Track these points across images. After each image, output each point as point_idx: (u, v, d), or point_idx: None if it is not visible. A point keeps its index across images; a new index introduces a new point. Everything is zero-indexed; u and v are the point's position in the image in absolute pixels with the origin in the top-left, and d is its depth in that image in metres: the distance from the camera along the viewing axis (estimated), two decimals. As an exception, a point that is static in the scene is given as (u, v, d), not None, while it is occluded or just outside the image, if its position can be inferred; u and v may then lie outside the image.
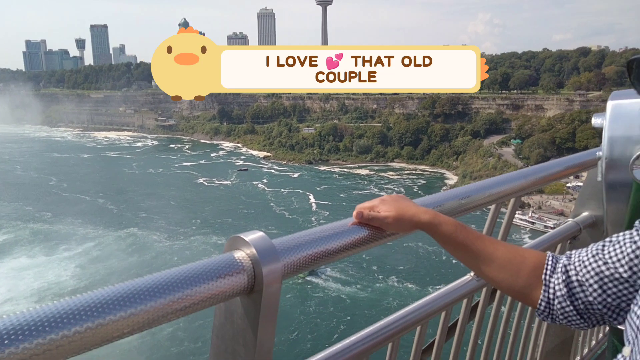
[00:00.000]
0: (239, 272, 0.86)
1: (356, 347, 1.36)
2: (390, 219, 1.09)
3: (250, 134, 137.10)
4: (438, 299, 1.66)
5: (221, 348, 0.99)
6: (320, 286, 49.54)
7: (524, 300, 1.08)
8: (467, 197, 1.49)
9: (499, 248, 1.07)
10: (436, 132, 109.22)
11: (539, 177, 1.92)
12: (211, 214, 71.91)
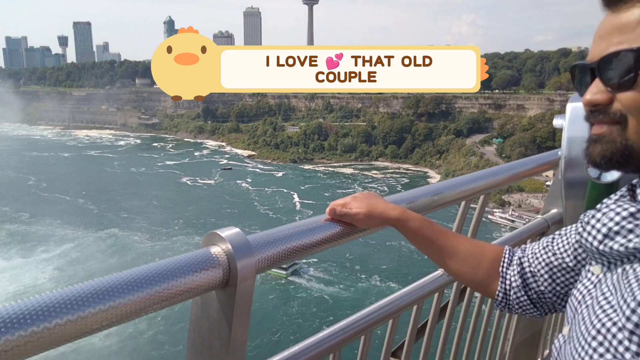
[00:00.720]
0: (214, 267, 0.89)
1: (330, 339, 1.38)
2: (361, 215, 1.13)
3: (235, 132, 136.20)
4: (410, 293, 1.69)
5: (197, 342, 1.01)
6: (303, 286, 49.48)
7: (484, 292, 1.15)
8: (439, 194, 1.54)
9: (462, 243, 1.14)
10: (420, 131, 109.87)
11: (508, 175, 1.97)
12: (194, 214, 71.26)
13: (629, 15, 0.70)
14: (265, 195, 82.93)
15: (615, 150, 0.72)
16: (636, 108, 0.69)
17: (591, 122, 0.76)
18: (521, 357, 2.68)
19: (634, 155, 0.70)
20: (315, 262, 54.27)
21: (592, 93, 0.74)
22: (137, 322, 41.81)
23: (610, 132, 0.72)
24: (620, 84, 0.70)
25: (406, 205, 1.37)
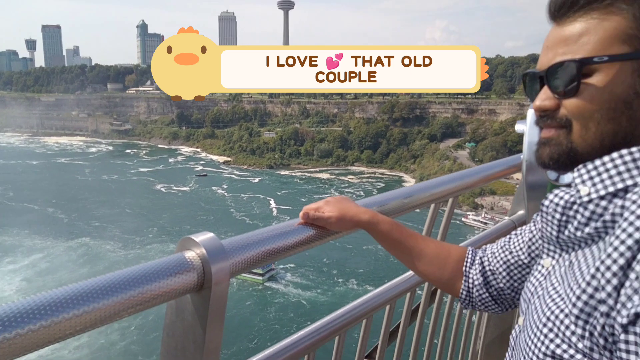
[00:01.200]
0: (189, 271, 0.90)
1: (305, 340, 1.39)
2: (334, 219, 1.16)
3: (210, 138, 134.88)
4: (382, 293, 1.72)
5: (171, 345, 1.01)
6: (280, 292, 49.22)
7: (450, 291, 1.20)
8: (410, 197, 1.58)
9: (429, 244, 1.18)
10: (395, 136, 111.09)
11: (475, 178, 2.01)
12: (169, 222, 70.06)
13: (571, 28, 0.76)
14: (242, 201, 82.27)
15: (562, 152, 0.77)
16: (580, 114, 0.74)
17: (540, 126, 0.81)
18: (493, 354, 2.73)
19: (578, 156, 0.76)
20: (292, 267, 54.10)
21: (541, 99, 0.79)
22: (109, 332, 40.83)
23: (558, 136, 0.78)
24: (565, 91, 0.75)
25: (378, 208, 1.41)
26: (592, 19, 0.74)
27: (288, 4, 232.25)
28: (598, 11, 0.73)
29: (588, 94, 0.73)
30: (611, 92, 0.72)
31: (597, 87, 0.72)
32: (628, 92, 0.71)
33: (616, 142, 0.73)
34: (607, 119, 0.73)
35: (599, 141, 0.74)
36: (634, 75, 0.70)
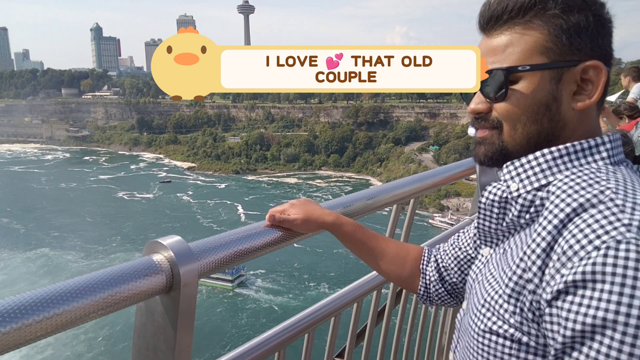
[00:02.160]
0: (157, 273, 0.92)
1: (275, 338, 1.43)
2: (299, 220, 1.20)
3: (173, 144, 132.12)
4: (350, 292, 1.78)
5: (143, 346, 1.03)
6: (251, 298, 48.84)
7: (409, 288, 1.28)
8: (373, 198, 1.64)
9: (389, 245, 1.25)
10: (360, 140, 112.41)
11: (435, 180, 2.09)
12: (133, 230, 68.10)
13: (498, 40, 0.85)
14: (208, 207, 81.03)
15: (495, 150, 0.87)
16: (509, 116, 0.84)
17: (476, 127, 0.91)
18: None
19: (509, 154, 0.86)
20: (263, 272, 53.80)
21: (475, 103, 0.89)
22: (74, 344, 39.35)
23: (491, 136, 0.87)
24: (496, 97, 0.84)
25: (342, 209, 1.46)
26: (515, 33, 0.83)
27: (248, 8, 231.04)
28: (520, 26, 0.82)
29: (515, 99, 0.83)
30: (534, 97, 0.81)
31: (522, 93, 0.82)
32: (548, 97, 0.81)
33: (540, 140, 0.83)
34: (532, 120, 0.82)
35: (526, 140, 0.84)
36: (552, 82, 0.80)
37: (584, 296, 0.64)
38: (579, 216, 0.70)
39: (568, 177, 0.78)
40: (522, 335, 0.76)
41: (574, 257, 0.67)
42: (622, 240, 0.64)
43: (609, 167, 0.78)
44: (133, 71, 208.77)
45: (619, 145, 0.84)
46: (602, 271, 0.63)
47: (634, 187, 0.72)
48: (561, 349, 0.67)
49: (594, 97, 0.81)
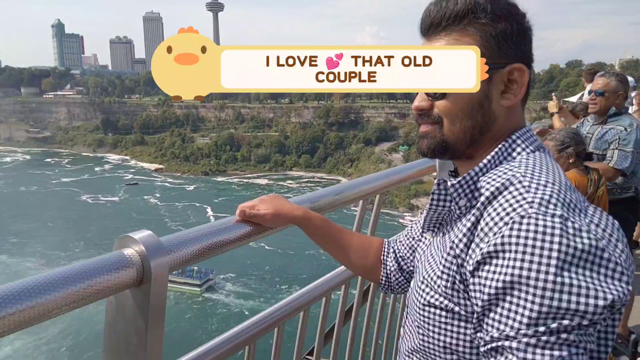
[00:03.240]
0: (128, 266, 0.93)
1: (245, 333, 1.47)
2: (269, 215, 1.23)
3: (140, 145, 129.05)
4: (319, 286, 1.83)
5: (114, 340, 1.04)
6: (221, 302, 47.96)
7: (372, 279, 1.36)
8: (340, 194, 1.70)
9: (354, 238, 1.32)
10: (331, 141, 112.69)
11: (400, 176, 2.17)
12: (97, 234, 65.76)
13: (438, 44, 0.93)
14: (176, 210, 79.32)
15: (436, 143, 0.95)
16: (449, 113, 0.92)
17: (419, 122, 0.98)
18: None
19: (449, 147, 0.94)
20: (233, 277, 52.95)
21: (418, 101, 0.96)
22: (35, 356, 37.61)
23: (433, 130, 0.95)
24: (436, 95, 0.93)
25: (310, 204, 1.50)
26: (453, 39, 0.91)
27: (217, 6, 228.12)
28: (457, 32, 0.91)
29: (453, 97, 0.92)
30: (470, 96, 0.90)
31: (459, 93, 0.91)
32: (481, 96, 0.90)
33: (475, 133, 0.93)
34: (468, 116, 0.92)
35: (463, 133, 0.93)
36: (484, 83, 0.87)
37: (496, 264, 0.75)
38: (496, 199, 0.82)
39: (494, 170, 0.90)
40: (455, 305, 0.86)
41: (489, 232, 0.79)
42: (525, 216, 0.74)
43: (526, 156, 0.90)
44: (97, 70, 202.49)
45: (532, 135, 0.95)
46: (509, 242, 0.74)
47: (541, 170, 0.84)
48: (481, 311, 0.78)
49: (519, 95, 0.93)
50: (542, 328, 0.69)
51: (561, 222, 0.73)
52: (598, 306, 0.69)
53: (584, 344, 0.70)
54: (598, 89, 3.41)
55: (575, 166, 2.93)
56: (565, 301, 0.69)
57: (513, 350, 0.71)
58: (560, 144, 2.93)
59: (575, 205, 0.78)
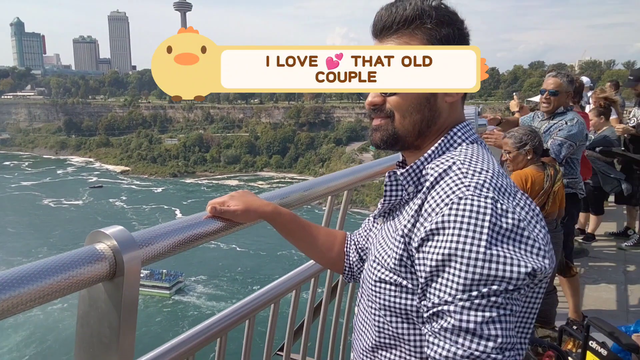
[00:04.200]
0: (100, 260, 0.94)
1: (218, 325, 1.51)
2: (239, 211, 1.27)
3: (105, 146, 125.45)
4: (289, 279, 1.88)
5: (86, 334, 1.05)
6: (192, 305, 47.26)
7: (337, 270, 1.41)
8: (309, 190, 1.75)
9: (321, 232, 1.38)
10: (302, 141, 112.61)
11: (367, 173, 2.23)
12: (61, 239, 63.60)
13: (387, 46, 1.00)
14: (144, 213, 77.59)
15: (388, 135, 1.03)
16: (399, 107, 1.00)
17: (372, 117, 1.05)
18: None
19: (400, 138, 1.03)
20: (204, 279, 52.25)
21: (372, 97, 1.03)
22: (-5, 369, 36.04)
23: (385, 124, 1.03)
24: (389, 92, 1.00)
25: (280, 200, 1.55)
26: (403, 41, 0.99)
27: (185, 6, 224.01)
28: (406, 35, 0.99)
29: (404, 94, 0.99)
30: (417, 93, 0.99)
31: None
32: (428, 93, 0.99)
33: (422, 126, 1.02)
34: (417, 111, 1.00)
35: (412, 126, 1.01)
36: None
37: (437, 240, 0.85)
38: (438, 183, 0.93)
39: (438, 159, 1.00)
40: (403, 280, 0.95)
41: (432, 212, 0.88)
42: (462, 197, 0.85)
43: (465, 146, 1.01)
44: (60, 70, 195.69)
45: (470, 129, 1.06)
46: (448, 220, 0.84)
47: (477, 159, 0.95)
48: (425, 283, 0.87)
49: (460, 92, 1.03)
50: (474, 293, 0.80)
51: (492, 203, 0.84)
52: (520, 273, 0.80)
53: (510, 306, 0.81)
54: (552, 88, 3.60)
55: (533, 162, 3.09)
56: (493, 269, 0.80)
57: (451, 313, 0.81)
58: (519, 142, 3.08)
59: (505, 190, 0.89)
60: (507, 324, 0.80)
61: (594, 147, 5.32)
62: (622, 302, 4.19)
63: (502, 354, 0.79)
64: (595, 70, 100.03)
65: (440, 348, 0.83)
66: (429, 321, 0.87)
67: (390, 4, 1.01)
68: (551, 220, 3.11)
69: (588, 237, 5.64)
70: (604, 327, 2.14)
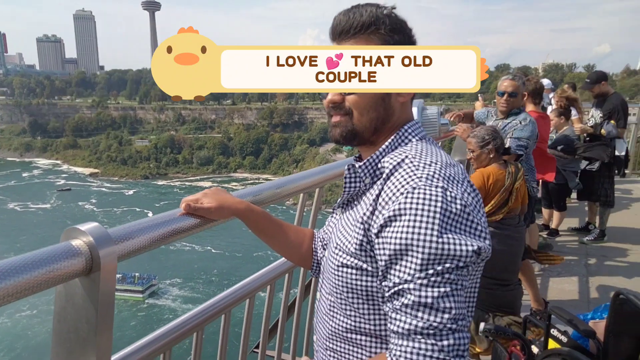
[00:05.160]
0: (77, 256, 0.96)
1: (194, 319, 1.54)
2: (213, 208, 1.30)
3: (72, 148, 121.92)
4: (264, 274, 1.92)
5: (64, 329, 1.05)
6: (168, 308, 46.45)
7: (306, 266, 1.45)
8: (281, 187, 1.79)
9: (291, 229, 1.43)
10: (276, 142, 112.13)
11: (339, 171, 2.23)
12: (28, 244, 61.37)
13: (346, 46, 1.06)
14: (115, 216, 75.77)
15: (347, 131, 1.09)
16: (358, 106, 1.07)
17: (331, 114, 1.12)
18: None
19: (357, 134, 1.09)
20: (180, 282, 51.44)
21: (331, 95, 1.09)
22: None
23: (345, 121, 1.09)
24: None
25: (253, 197, 1.58)
26: (360, 44, 1.05)
27: (153, 5, 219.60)
28: (363, 40, 1.05)
29: (362, 93, 1.05)
30: (374, 93, 1.06)
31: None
32: (383, 93, 1.06)
33: (378, 123, 1.09)
34: (373, 109, 1.07)
35: (369, 123, 1.08)
36: None
37: (394, 226, 0.93)
38: (393, 174, 1.01)
39: (391, 154, 1.09)
40: (363, 263, 1.02)
41: (389, 201, 0.96)
42: (416, 187, 0.93)
43: (415, 142, 1.10)
44: (23, 69, 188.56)
45: (419, 126, 1.14)
46: (404, 207, 0.92)
47: (427, 153, 1.04)
48: (385, 265, 0.95)
49: (411, 94, 1.12)
50: (430, 271, 0.88)
51: (442, 191, 0.93)
52: (468, 251, 0.90)
53: (461, 281, 0.91)
54: (511, 91, 3.75)
55: (495, 160, 3.20)
56: (446, 249, 0.89)
57: (411, 290, 0.89)
58: (481, 141, 3.19)
59: (453, 178, 0.98)
60: (459, 297, 0.90)
61: (555, 146, 5.57)
62: (584, 293, 4.39)
63: (456, 323, 0.88)
64: (558, 72, 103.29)
65: (402, 322, 0.90)
66: (391, 300, 0.93)
67: (347, 10, 1.08)
68: (514, 215, 3.23)
69: (552, 233, 5.89)
70: (564, 316, 2.28)
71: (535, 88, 4.50)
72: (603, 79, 5.77)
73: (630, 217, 6.65)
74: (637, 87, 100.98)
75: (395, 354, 0.90)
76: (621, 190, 7.87)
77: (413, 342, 0.88)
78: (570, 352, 2.11)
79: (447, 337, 0.87)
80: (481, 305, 3.12)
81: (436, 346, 0.87)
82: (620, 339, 2.15)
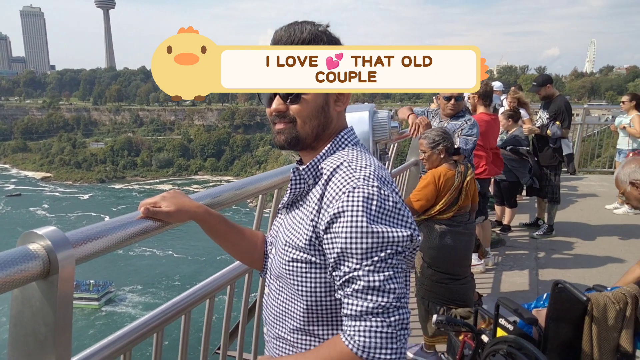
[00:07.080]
0: (33, 259, 0.95)
1: (153, 321, 1.54)
2: (172, 212, 1.33)
3: (22, 151, 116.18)
4: (224, 275, 1.94)
5: (20, 333, 1.05)
6: (128, 315, 44.99)
7: (259, 268, 1.49)
8: (240, 189, 1.81)
9: (245, 233, 1.45)
10: (238, 143, 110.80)
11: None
12: (-26, 253, 58.13)
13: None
14: (70, 221, 72.68)
15: (291, 138, 1.16)
16: (301, 114, 1.14)
17: (275, 122, 1.17)
18: None
19: (300, 140, 1.17)
20: (140, 288, 49.99)
21: (276, 104, 1.15)
22: None
23: (289, 128, 1.16)
24: (290, 100, 1.14)
25: (212, 199, 1.59)
26: None
27: (108, 3, 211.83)
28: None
29: (304, 103, 1.13)
30: (315, 103, 1.14)
31: (309, 100, 1.13)
32: (323, 103, 1.15)
33: (319, 130, 1.17)
34: (314, 117, 1.15)
35: (311, 130, 1.16)
36: (324, 94, 1.15)
37: (340, 222, 1.03)
38: (334, 176, 1.10)
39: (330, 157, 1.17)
40: (312, 257, 1.11)
41: (333, 200, 1.06)
42: (355, 187, 1.04)
43: (351, 147, 1.20)
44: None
45: (353, 133, 1.24)
46: (346, 205, 1.03)
47: (362, 157, 1.15)
48: (335, 259, 1.04)
49: (346, 103, 1.21)
50: (375, 258, 1.00)
51: (377, 190, 1.04)
52: (404, 237, 1.03)
53: (400, 265, 1.04)
54: (457, 95, 3.92)
55: (445, 161, 3.33)
56: (385, 238, 1.01)
57: (360, 277, 1.00)
58: (432, 142, 3.31)
59: (385, 179, 1.10)
60: (399, 279, 1.02)
61: (505, 146, 5.84)
62: (534, 285, 4.63)
63: (399, 301, 1.00)
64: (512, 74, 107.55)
65: (354, 306, 1.00)
66: (342, 287, 1.03)
67: (287, 26, 1.13)
68: (464, 213, 3.36)
69: (504, 229, 6.16)
70: (510, 306, 2.43)
71: (485, 91, 4.71)
72: (548, 82, 6.10)
73: (577, 212, 7.05)
74: (585, 88, 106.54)
75: (349, 334, 1.00)
76: (568, 187, 8.34)
77: (365, 322, 0.98)
78: (515, 339, 2.26)
79: (393, 314, 0.99)
80: (436, 298, 3.26)
81: (385, 322, 0.98)
82: (559, 325, 2.32)
